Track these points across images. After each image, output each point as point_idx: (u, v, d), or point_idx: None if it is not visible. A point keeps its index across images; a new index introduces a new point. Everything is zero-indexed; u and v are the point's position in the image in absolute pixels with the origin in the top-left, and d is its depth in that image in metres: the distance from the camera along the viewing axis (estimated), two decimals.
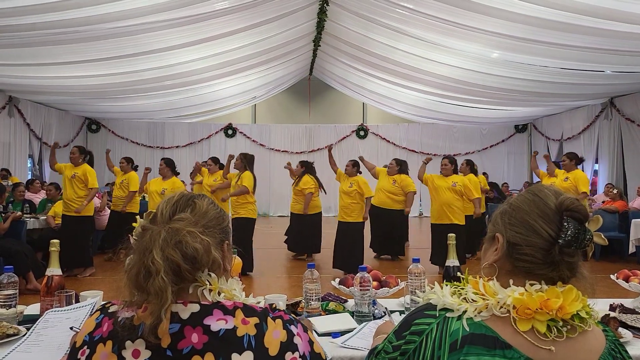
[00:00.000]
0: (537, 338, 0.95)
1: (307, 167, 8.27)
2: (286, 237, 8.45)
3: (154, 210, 1.09)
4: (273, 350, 0.98)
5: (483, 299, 1.00)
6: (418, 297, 1.12)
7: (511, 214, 1.07)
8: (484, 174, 11.19)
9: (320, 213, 8.21)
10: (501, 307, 0.98)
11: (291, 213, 8.31)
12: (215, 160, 7.77)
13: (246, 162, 7.07)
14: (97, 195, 7.82)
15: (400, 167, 8.06)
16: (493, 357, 0.93)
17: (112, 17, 6.88)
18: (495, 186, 11.54)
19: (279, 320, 1.03)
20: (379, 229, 7.85)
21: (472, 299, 1.01)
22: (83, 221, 6.67)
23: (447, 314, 1.00)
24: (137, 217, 1.20)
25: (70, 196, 6.56)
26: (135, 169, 8.11)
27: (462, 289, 1.05)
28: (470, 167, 7.99)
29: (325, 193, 8.37)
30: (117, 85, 10.25)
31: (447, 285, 1.07)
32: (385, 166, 8.26)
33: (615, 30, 6.55)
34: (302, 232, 7.96)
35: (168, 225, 1.02)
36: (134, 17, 7.09)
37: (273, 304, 1.08)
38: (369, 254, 7.74)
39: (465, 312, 0.99)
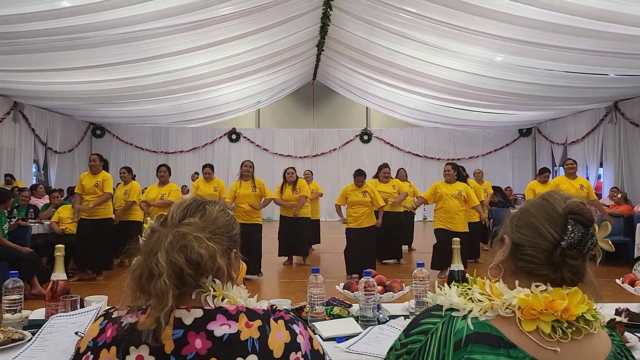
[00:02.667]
0: (542, 338, 0.95)
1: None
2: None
3: (165, 214, 1.10)
4: (277, 352, 0.98)
5: (489, 299, 1.01)
6: (427, 298, 1.13)
7: (519, 217, 1.09)
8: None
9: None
10: (506, 307, 0.99)
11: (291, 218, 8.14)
12: (211, 167, 7.71)
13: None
14: None
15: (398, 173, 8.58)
16: (497, 356, 0.94)
17: (116, 23, 6.93)
18: (499, 190, 11.50)
19: (280, 321, 1.03)
20: (385, 233, 7.79)
21: (478, 299, 1.02)
22: (106, 224, 6.89)
23: (453, 314, 1.02)
24: (147, 218, 1.20)
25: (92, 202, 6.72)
26: (134, 177, 8.21)
27: (469, 289, 1.06)
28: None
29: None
30: (121, 90, 10.30)
31: (455, 286, 1.08)
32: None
33: (619, 33, 6.54)
34: (297, 235, 7.96)
35: (175, 229, 1.03)
36: (138, 23, 7.13)
37: (274, 305, 1.08)
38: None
39: (470, 311, 1.00)
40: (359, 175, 7.03)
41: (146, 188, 7.89)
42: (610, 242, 1.04)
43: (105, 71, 8.86)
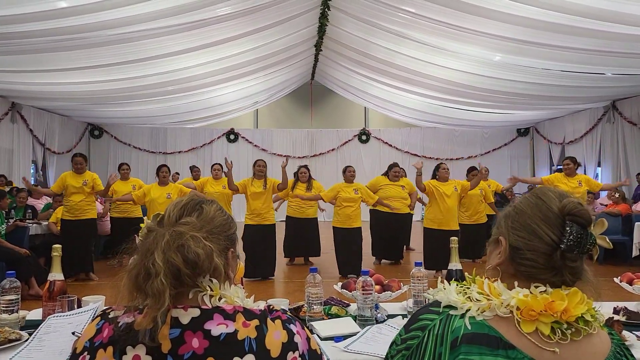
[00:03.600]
0: (541, 340, 0.95)
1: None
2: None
3: (163, 213, 1.10)
4: (275, 352, 0.98)
5: (487, 299, 1.00)
6: (426, 294, 1.13)
7: (514, 217, 1.07)
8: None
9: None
10: (505, 307, 0.98)
11: (295, 218, 8.12)
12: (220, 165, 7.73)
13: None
14: (99, 200, 7.87)
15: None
16: (496, 357, 0.93)
17: (114, 23, 6.91)
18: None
19: (278, 321, 1.03)
20: (388, 233, 7.79)
21: (476, 299, 1.01)
22: (92, 224, 6.98)
23: (451, 312, 1.01)
24: (145, 218, 1.20)
25: (83, 203, 6.75)
26: None
27: (468, 288, 1.05)
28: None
29: None
30: (119, 91, 10.28)
31: (455, 283, 1.08)
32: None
33: (617, 33, 6.55)
34: (304, 236, 7.94)
35: (172, 229, 1.02)
36: (136, 24, 7.12)
37: (271, 305, 1.08)
38: (368, 258, 7.76)
39: (468, 310, 0.99)
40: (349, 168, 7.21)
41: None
42: (607, 239, 1.03)
43: (103, 72, 8.84)
